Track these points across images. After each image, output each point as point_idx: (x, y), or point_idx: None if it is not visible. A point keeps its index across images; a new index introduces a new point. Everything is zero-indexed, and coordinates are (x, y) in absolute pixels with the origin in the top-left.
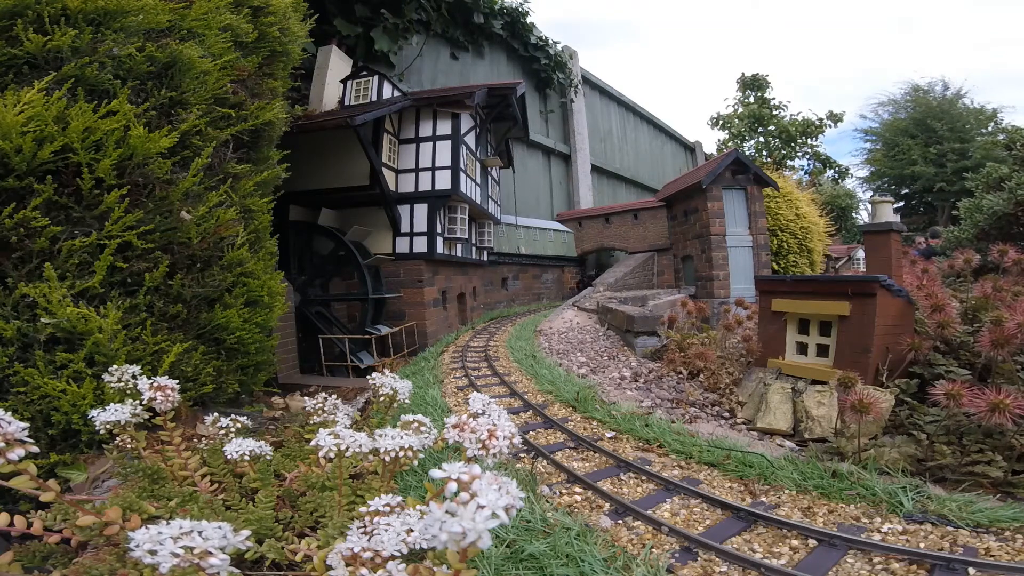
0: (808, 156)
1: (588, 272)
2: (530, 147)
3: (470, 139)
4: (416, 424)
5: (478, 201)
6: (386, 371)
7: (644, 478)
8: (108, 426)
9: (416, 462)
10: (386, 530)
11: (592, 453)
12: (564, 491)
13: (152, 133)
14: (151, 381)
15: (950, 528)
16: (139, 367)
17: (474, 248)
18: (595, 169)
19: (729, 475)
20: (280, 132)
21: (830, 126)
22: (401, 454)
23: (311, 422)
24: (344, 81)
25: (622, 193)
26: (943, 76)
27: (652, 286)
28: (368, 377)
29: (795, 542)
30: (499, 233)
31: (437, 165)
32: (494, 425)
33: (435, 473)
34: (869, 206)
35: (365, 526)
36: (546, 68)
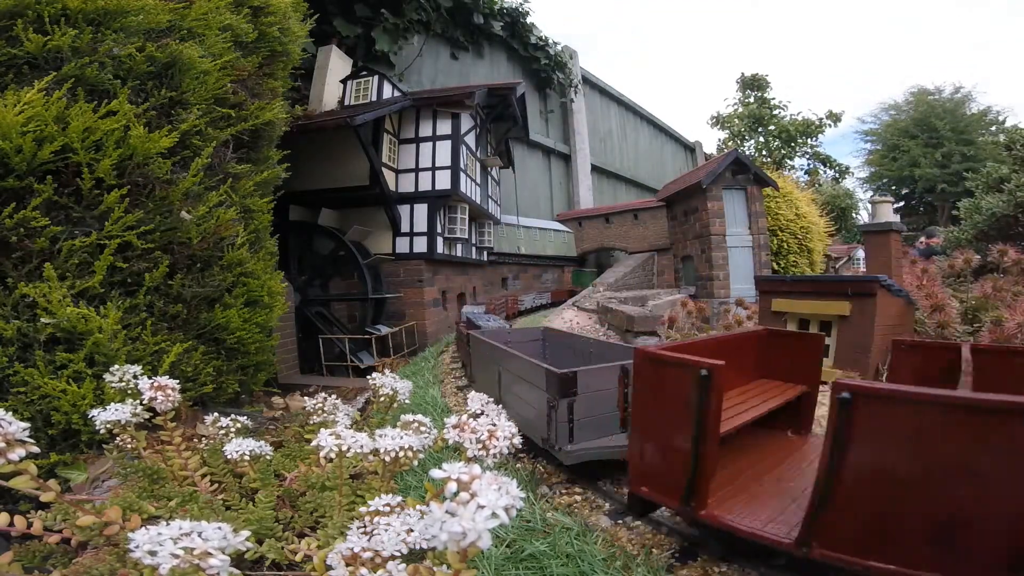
0: (808, 156)
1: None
2: (530, 147)
3: (470, 139)
4: (416, 424)
5: (478, 201)
6: (386, 371)
7: None
8: (108, 426)
9: (416, 462)
10: (386, 530)
11: None
12: (564, 491)
13: (152, 133)
14: (151, 381)
15: None
16: (139, 367)
17: (474, 248)
18: (595, 169)
19: None
20: (280, 132)
21: (830, 126)
22: (401, 454)
23: (311, 422)
24: (344, 81)
25: (622, 193)
26: (953, 80)
27: (652, 286)
28: (368, 377)
29: None
30: (499, 233)
31: (437, 165)
32: (494, 425)
33: (435, 473)
34: (869, 206)
35: (365, 526)
36: (546, 68)
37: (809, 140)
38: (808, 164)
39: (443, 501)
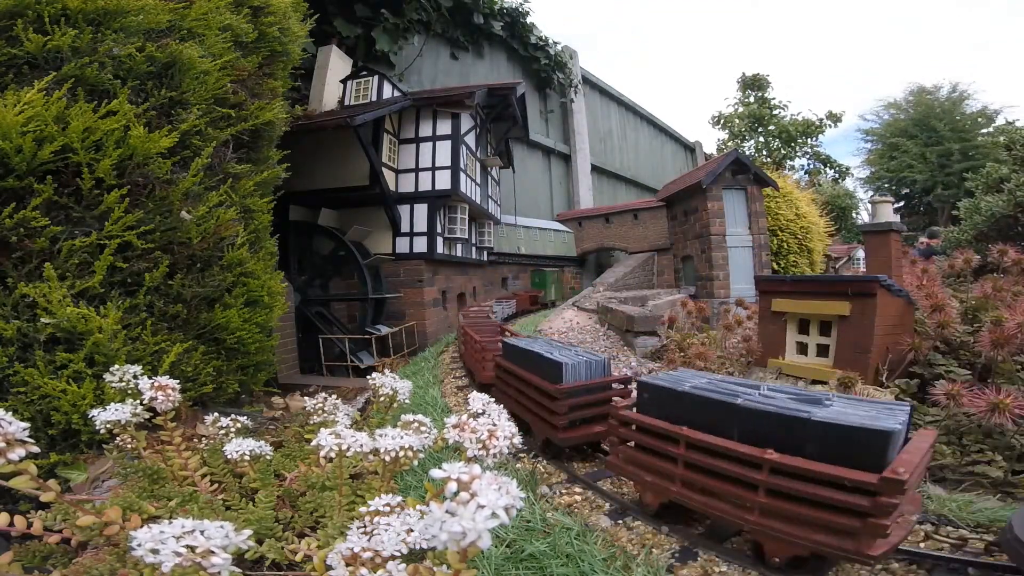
0: (808, 156)
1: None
2: (530, 147)
3: (470, 139)
4: (416, 424)
5: (478, 201)
6: (386, 371)
7: None
8: (108, 426)
9: (416, 462)
10: (386, 530)
11: (593, 453)
12: (564, 491)
13: (152, 133)
14: (152, 381)
15: (950, 528)
16: (139, 367)
17: (474, 248)
18: (595, 169)
19: None
20: (280, 132)
21: (830, 126)
22: (401, 454)
23: (311, 422)
24: (344, 81)
25: (622, 193)
26: (950, 80)
27: (652, 286)
28: (368, 377)
29: None
30: (499, 233)
31: (437, 165)
32: (494, 425)
33: (435, 473)
34: (869, 206)
35: (365, 526)
36: (546, 68)
37: (809, 140)
38: (808, 164)
39: (443, 501)
